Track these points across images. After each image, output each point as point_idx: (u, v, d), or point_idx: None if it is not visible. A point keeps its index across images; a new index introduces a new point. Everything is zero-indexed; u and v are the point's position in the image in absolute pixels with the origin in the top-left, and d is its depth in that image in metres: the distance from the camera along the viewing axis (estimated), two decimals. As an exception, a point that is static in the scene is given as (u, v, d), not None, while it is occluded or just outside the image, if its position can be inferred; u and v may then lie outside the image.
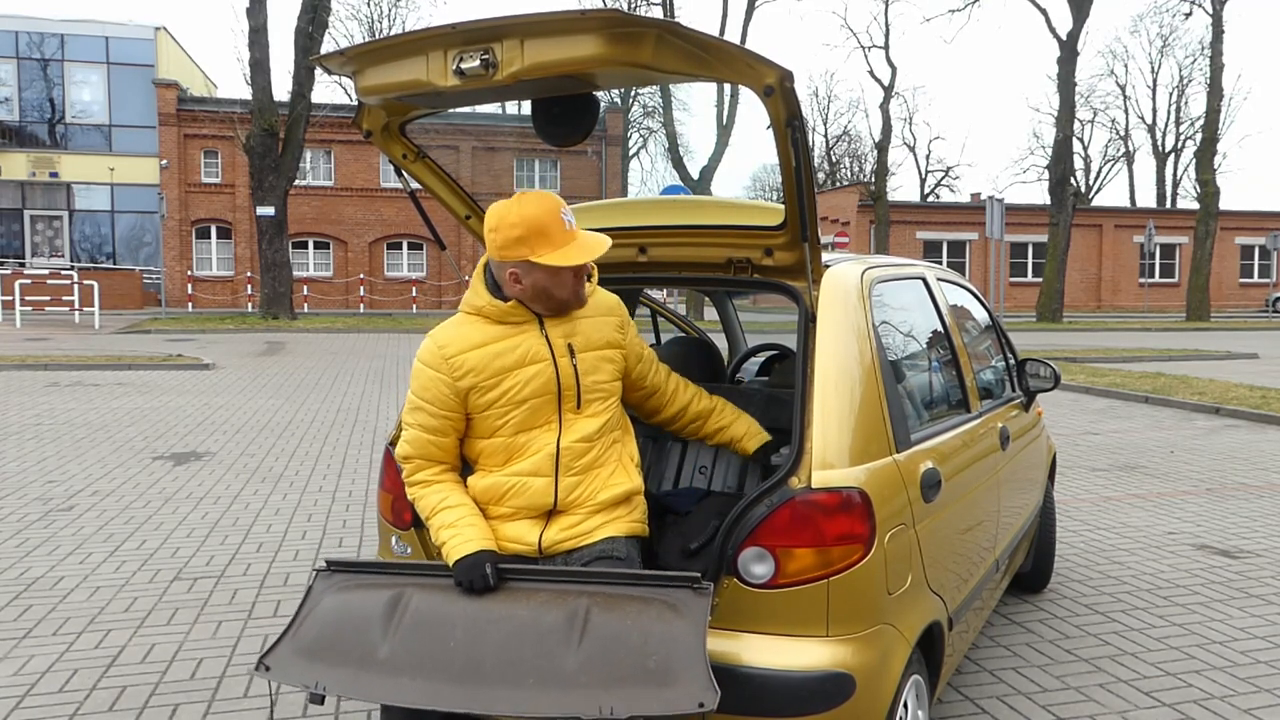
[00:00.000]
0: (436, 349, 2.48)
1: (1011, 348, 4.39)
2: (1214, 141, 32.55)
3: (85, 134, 32.26)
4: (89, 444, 8.43)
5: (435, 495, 2.50)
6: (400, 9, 47.49)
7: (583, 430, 2.50)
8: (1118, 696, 3.66)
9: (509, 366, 2.46)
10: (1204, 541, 5.77)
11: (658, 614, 2.17)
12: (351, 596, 2.42)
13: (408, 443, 2.54)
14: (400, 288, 34.23)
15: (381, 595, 2.37)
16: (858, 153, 57.30)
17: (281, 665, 2.33)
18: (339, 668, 2.28)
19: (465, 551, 2.36)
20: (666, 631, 2.13)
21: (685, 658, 2.08)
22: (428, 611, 2.31)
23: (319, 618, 2.40)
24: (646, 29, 2.21)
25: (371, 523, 6.01)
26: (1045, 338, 23.57)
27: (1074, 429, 9.98)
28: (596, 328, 2.55)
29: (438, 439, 2.50)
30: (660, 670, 2.08)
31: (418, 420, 2.50)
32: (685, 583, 2.21)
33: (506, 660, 2.17)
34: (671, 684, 2.06)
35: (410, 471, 2.56)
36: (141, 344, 17.91)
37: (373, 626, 2.31)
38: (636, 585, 2.26)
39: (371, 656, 2.26)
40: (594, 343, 2.54)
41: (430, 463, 2.54)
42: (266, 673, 2.33)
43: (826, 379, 2.55)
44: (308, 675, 2.28)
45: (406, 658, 2.23)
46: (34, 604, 4.52)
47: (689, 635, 2.12)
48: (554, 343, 2.49)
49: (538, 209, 2.36)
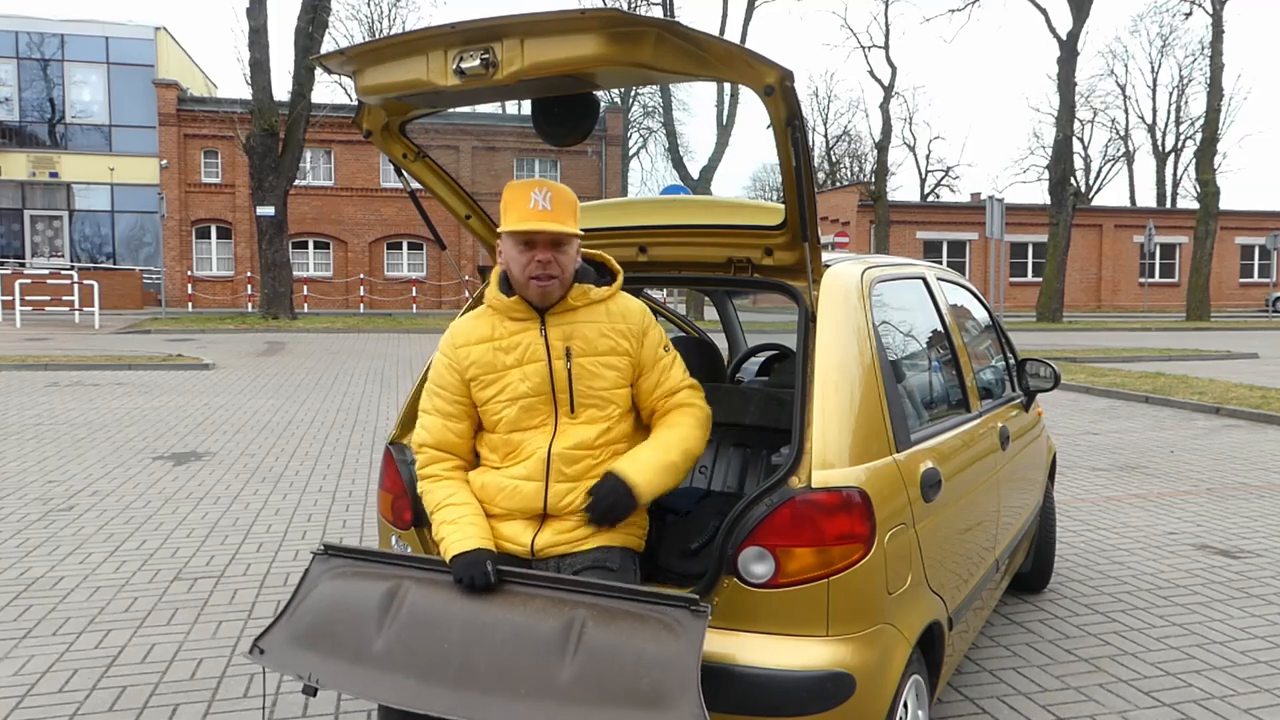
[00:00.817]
0: (450, 338, 2.61)
1: (1011, 347, 4.39)
2: (1214, 141, 32.55)
3: (85, 134, 32.26)
4: (89, 444, 8.43)
5: (442, 490, 2.53)
6: (400, 9, 47.53)
7: (577, 437, 2.49)
8: (1118, 696, 3.66)
9: (508, 364, 2.50)
10: (1204, 541, 5.77)
11: (653, 634, 2.15)
12: (348, 585, 2.42)
13: (424, 429, 2.59)
14: (400, 288, 34.23)
15: (378, 586, 2.37)
16: (858, 153, 57.37)
17: (276, 651, 2.34)
18: (332, 659, 2.28)
19: (464, 548, 2.36)
20: (661, 653, 2.11)
21: (678, 682, 2.06)
22: (425, 609, 2.31)
23: (314, 604, 2.40)
24: (646, 28, 2.22)
25: (371, 523, 6.01)
26: (1045, 337, 23.57)
27: (1074, 429, 9.98)
28: (601, 333, 2.53)
29: (453, 425, 2.57)
30: (652, 693, 2.06)
31: (434, 405, 2.59)
32: (684, 603, 2.18)
33: (501, 668, 2.16)
34: (662, 708, 2.04)
35: (423, 462, 2.59)
36: (141, 344, 17.91)
37: (368, 618, 2.31)
38: (635, 600, 2.23)
39: (366, 650, 2.26)
40: (596, 348, 2.51)
41: (444, 455, 2.58)
42: (261, 656, 2.34)
43: (826, 379, 2.55)
44: (301, 665, 2.29)
45: (401, 655, 2.23)
46: (34, 604, 4.52)
47: (683, 659, 2.09)
48: (551, 344, 2.50)
49: (515, 185, 2.45)
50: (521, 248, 2.45)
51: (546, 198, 2.42)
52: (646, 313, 2.61)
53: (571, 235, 2.45)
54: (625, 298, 2.62)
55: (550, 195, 2.42)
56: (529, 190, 2.42)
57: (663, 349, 2.60)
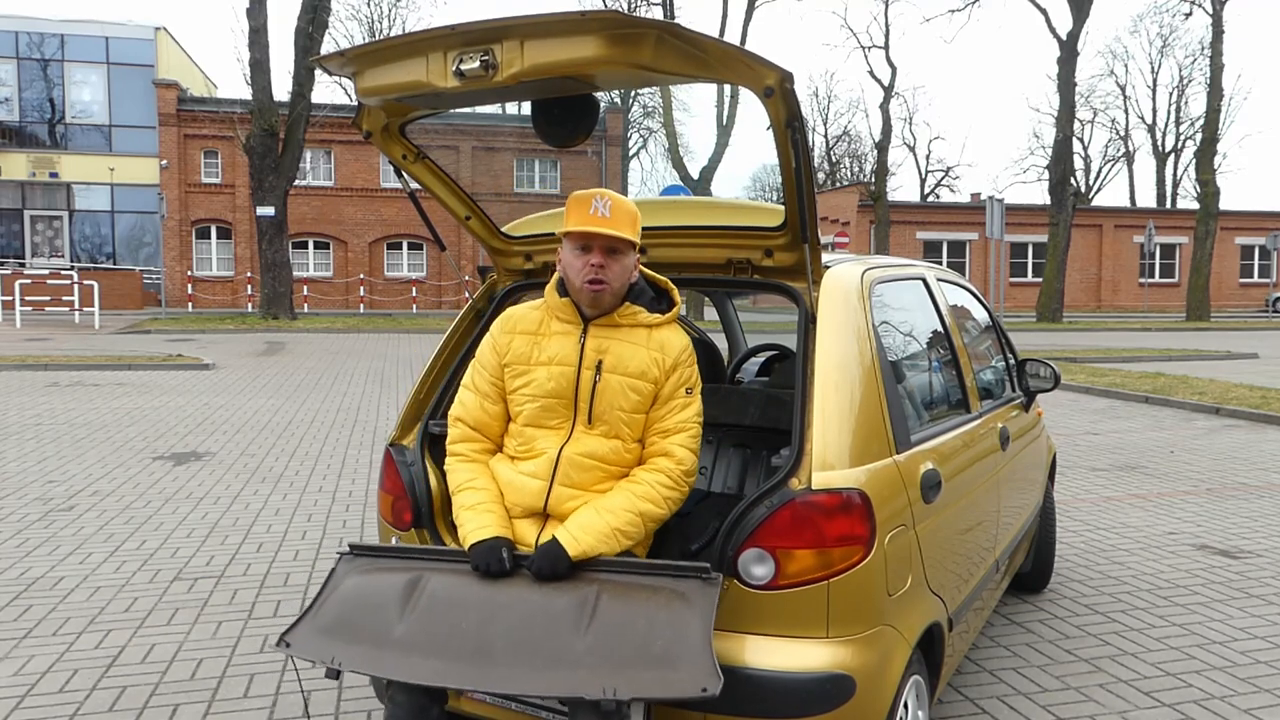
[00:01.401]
0: (500, 322, 2.69)
1: (1011, 348, 4.39)
2: (1214, 141, 32.54)
3: (85, 134, 32.25)
4: (89, 444, 8.43)
5: (465, 473, 2.59)
6: (400, 9, 47.60)
7: (590, 447, 2.52)
8: (1118, 696, 3.66)
9: (540, 360, 2.56)
10: (1204, 541, 5.77)
11: (665, 601, 2.22)
12: (371, 578, 2.48)
13: (461, 403, 2.67)
14: (400, 288, 34.22)
15: (400, 578, 2.43)
16: (858, 153, 57.33)
17: (301, 641, 2.40)
18: (355, 645, 2.33)
19: (481, 536, 2.41)
20: (673, 618, 2.17)
21: (690, 644, 2.12)
22: (443, 594, 2.36)
23: (339, 598, 2.46)
24: (646, 30, 2.22)
25: (372, 523, 6.01)
26: (1045, 338, 23.58)
27: (1074, 429, 9.98)
28: (635, 354, 2.54)
29: (488, 405, 2.63)
30: (665, 655, 2.11)
31: (474, 381, 2.66)
32: (695, 573, 2.26)
33: (516, 642, 2.21)
34: (675, 668, 2.09)
35: (454, 438, 2.66)
36: (141, 344, 17.91)
37: (390, 607, 2.36)
38: (647, 574, 2.31)
39: (387, 635, 2.31)
40: (626, 368, 2.53)
41: (474, 434, 2.63)
42: (287, 649, 2.39)
43: (826, 380, 2.55)
44: (325, 651, 2.35)
45: (420, 637, 2.28)
46: (34, 604, 4.52)
47: (695, 622, 2.15)
48: (586, 353, 2.53)
49: (579, 194, 2.51)
50: (578, 251, 2.50)
51: (607, 206, 2.48)
52: (687, 350, 2.60)
53: (628, 241, 2.50)
54: (673, 329, 2.62)
55: (611, 204, 2.48)
56: (591, 197, 2.49)
57: (684, 390, 2.57)
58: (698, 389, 2.61)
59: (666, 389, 2.55)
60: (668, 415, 2.55)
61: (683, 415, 2.56)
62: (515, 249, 3.23)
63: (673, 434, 2.55)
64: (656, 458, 2.54)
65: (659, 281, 2.70)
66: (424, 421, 3.01)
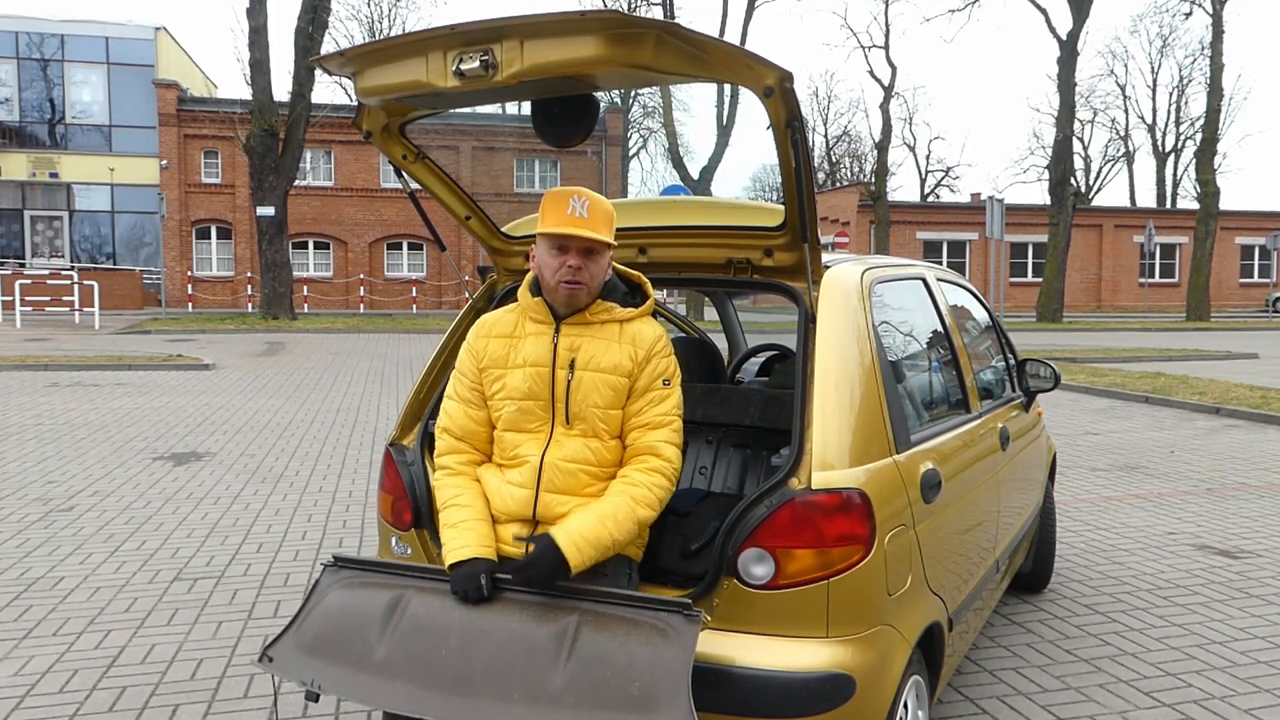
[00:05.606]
0: (476, 327, 2.68)
1: (1011, 348, 4.39)
2: (1214, 141, 32.53)
3: (85, 134, 32.25)
4: (89, 444, 8.43)
5: (451, 489, 2.56)
6: (400, 9, 47.61)
7: (571, 450, 2.49)
8: (1118, 697, 3.66)
9: (515, 362, 2.54)
10: (1204, 541, 5.77)
11: (646, 639, 2.18)
12: (354, 595, 2.46)
13: (446, 413, 2.64)
14: (400, 288, 34.22)
15: (383, 596, 2.41)
16: (858, 153, 57.36)
17: (283, 659, 2.39)
18: (336, 666, 2.32)
19: (461, 558, 2.38)
20: (653, 657, 2.14)
21: (668, 686, 2.09)
22: (425, 617, 2.34)
23: (322, 614, 2.44)
24: (646, 30, 2.22)
25: (371, 523, 6.01)
26: (1045, 338, 23.57)
27: (1074, 429, 9.98)
28: (608, 350, 2.51)
29: (473, 412, 2.61)
30: (642, 697, 2.09)
31: (456, 390, 2.65)
32: (677, 608, 2.21)
33: (496, 674, 2.20)
34: (652, 711, 2.07)
35: (441, 450, 2.63)
36: (141, 344, 17.91)
37: (371, 627, 2.34)
38: (629, 606, 2.26)
39: (368, 658, 2.29)
40: (599, 364, 2.50)
41: (461, 444, 2.61)
42: (270, 664, 2.38)
43: (826, 380, 2.55)
44: (306, 672, 2.33)
45: (401, 662, 2.27)
46: (34, 604, 4.52)
47: (674, 662, 2.12)
48: (559, 352, 2.51)
49: (555, 192, 2.48)
50: (555, 251, 2.47)
51: (584, 206, 2.44)
52: (660, 340, 2.56)
53: (604, 243, 2.47)
54: (646, 322, 2.58)
55: (588, 204, 2.45)
56: (568, 197, 2.45)
57: (662, 382, 2.52)
58: (676, 380, 2.56)
59: (642, 381, 2.51)
60: (646, 408, 2.51)
61: (662, 408, 2.51)
62: (515, 249, 3.23)
63: (655, 429, 2.50)
64: (646, 457, 2.49)
65: (632, 276, 2.67)
66: (424, 421, 3.01)
